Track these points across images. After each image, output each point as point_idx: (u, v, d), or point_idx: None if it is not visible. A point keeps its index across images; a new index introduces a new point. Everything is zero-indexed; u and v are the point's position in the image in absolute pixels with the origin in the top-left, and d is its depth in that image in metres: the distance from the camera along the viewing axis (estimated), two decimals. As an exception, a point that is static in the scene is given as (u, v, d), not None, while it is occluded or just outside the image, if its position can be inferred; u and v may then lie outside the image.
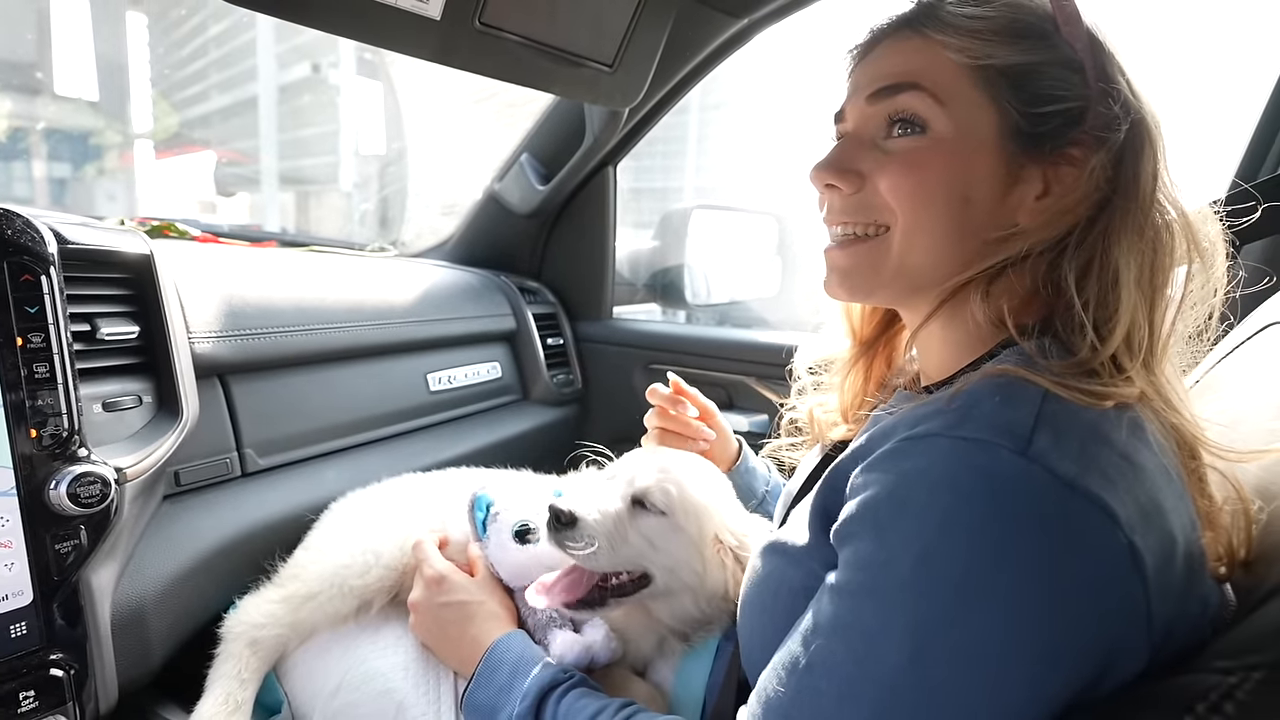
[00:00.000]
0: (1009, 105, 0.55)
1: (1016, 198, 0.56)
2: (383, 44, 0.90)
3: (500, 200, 1.68)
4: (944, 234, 0.57)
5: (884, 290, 0.63)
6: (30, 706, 0.69)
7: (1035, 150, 0.55)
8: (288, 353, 1.09)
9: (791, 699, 0.50)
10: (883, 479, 0.49)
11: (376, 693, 0.80)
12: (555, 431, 1.61)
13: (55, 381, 0.71)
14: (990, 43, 0.55)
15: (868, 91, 0.60)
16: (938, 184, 0.57)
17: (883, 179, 0.58)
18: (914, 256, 0.59)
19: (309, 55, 7.37)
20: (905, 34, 0.60)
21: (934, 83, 0.56)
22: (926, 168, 0.57)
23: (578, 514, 0.76)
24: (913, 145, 0.57)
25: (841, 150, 0.62)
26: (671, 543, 0.79)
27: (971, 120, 0.56)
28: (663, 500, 0.79)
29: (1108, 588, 0.43)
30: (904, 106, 0.58)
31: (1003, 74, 0.55)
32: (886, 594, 0.46)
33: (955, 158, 0.56)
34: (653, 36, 1.13)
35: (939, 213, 0.57)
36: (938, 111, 0.56)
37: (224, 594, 0.91)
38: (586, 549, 0.75)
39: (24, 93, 5.36)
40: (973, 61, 0.55)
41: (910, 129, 0.57)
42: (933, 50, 0.57)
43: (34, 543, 0.69)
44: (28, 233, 0.71)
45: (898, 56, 0.59)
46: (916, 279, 0.60)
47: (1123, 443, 0.47)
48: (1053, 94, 0.54)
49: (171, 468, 0.92)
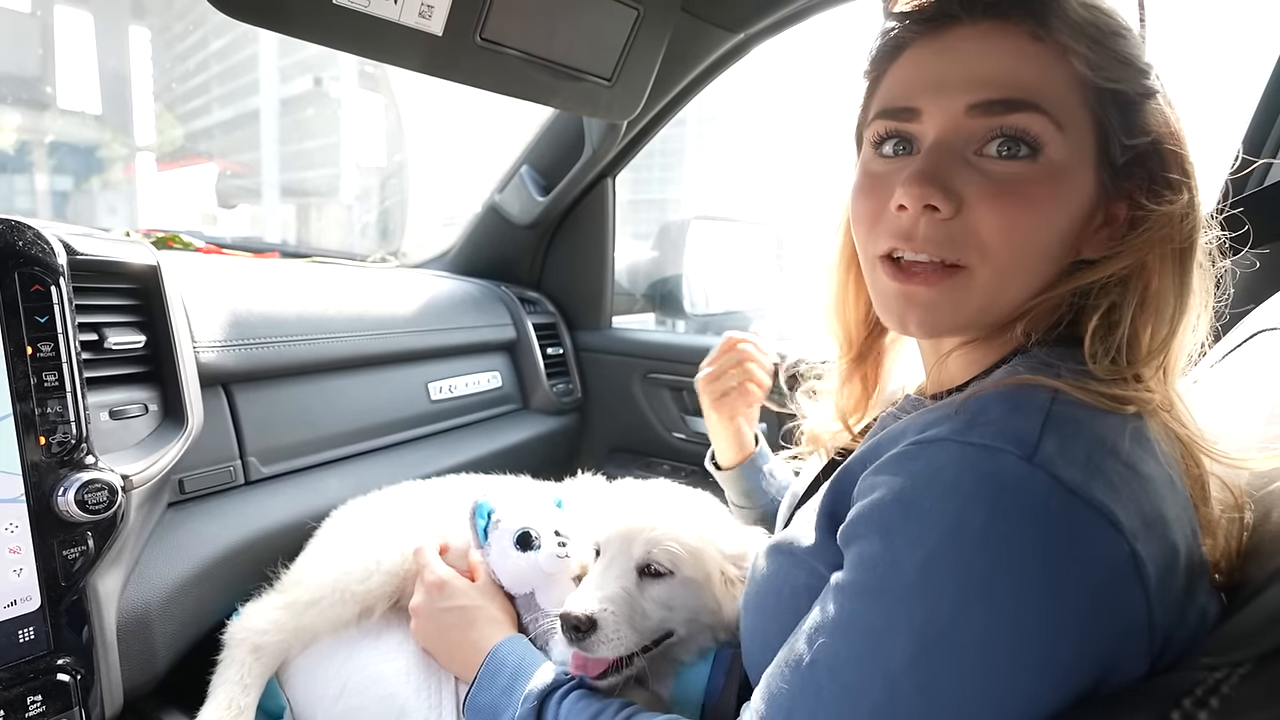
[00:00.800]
0: (1113, 132, 0.51)
1: (1089, 227, 0.54)
2: (385, 59, 0.92)
3: (500, 211, 1.70)
4: (1038, 273, 0.54)
5: (961, 331, 0.58)
6: (37, 711, 0.70)
7: (1118, 180, 0.53)
8: (291, 362, 1.10)
9: (794, 696, 0.50)
10: (891, 481, 0.49)
11: (378, 697, 0.81)
12: (555, 440, 1.62)
13: (64, 390, 0.72)
14: (1120, 64, 0.51)
15: (969, 99, 0.51)
16: (1047, 222, 0.52)
17: (989, 211, 0.51)
18: (1004, 296, 0.54)
19: (311, 69, 7.43)
20: (1020, 29, 0.51)
21: (1057, 103, 0.50)
22: (1038, 203, 0.51)
23: (595, 617, 0.72)
24: (1022, 173, 0.51)
25: (939, 163, 0.52)
26: (685, 596, 0.77)
27: (1082, 145, 0.51)
28: (669, 560, 0.77)
29: (1110, 595, 0.43)
30: (1019, 126, 0.50)
31: (1119, 99, 0.51)
32: (891, 595, 0.46)
33: (1066, 190, 0.51)
34: (650, 51, 1.15)
35: (1040, 252, 0.52)
36: (1056, 137, 0.50)
37: (227, 600, 0.92)
38: (613, 644, 0.72)
39: (28, 106, 5.39)
40: (1100, 82, 0.50)
41: (1018, 149, 0.51)
42: (1057, 59, 0.50)
43: (42, 549, 0.70)
44: (38, 244, 0.72)
45: (1011, 58, 0.51)
46: (995, 317, 0.56)
47: (1128, 452, 0.47)
48: (1149, 126, 0.52)
49: (176, 475, 0.93)
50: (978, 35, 0.52)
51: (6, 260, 0.70)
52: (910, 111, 0.55)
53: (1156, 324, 0.52)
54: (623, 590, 0.75)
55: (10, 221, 0.71)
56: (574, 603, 0.73)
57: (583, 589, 0.75)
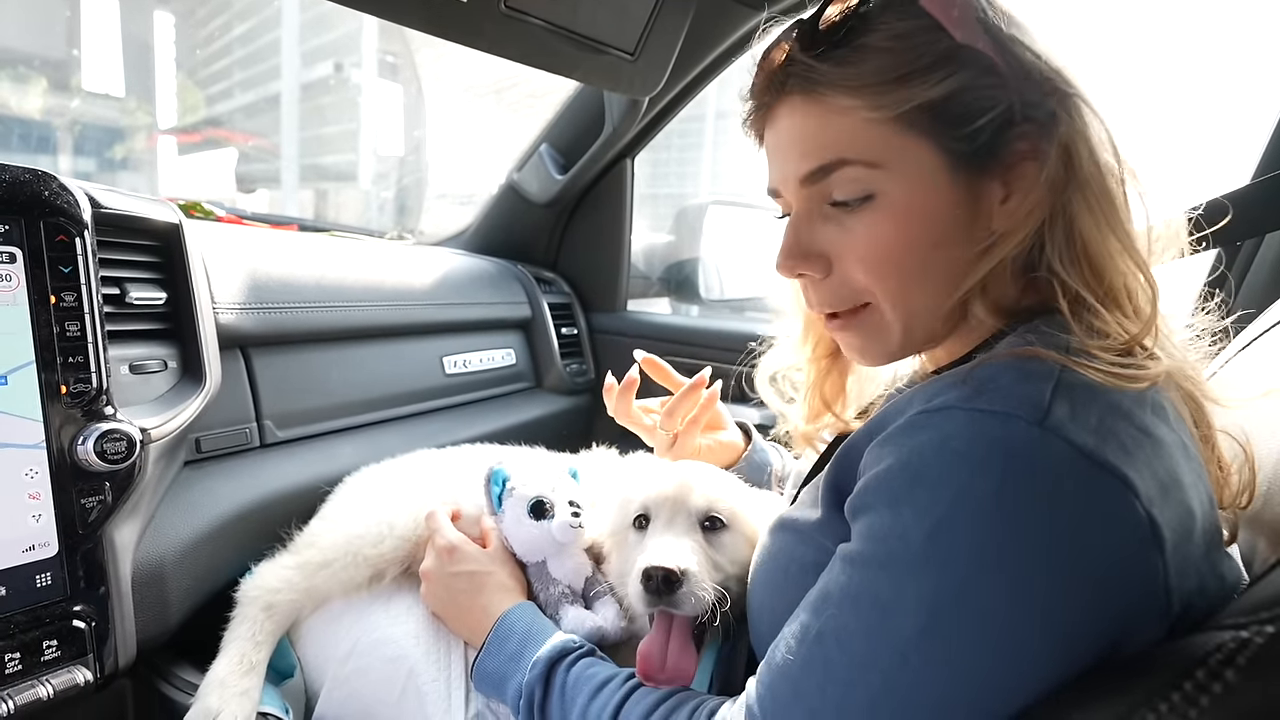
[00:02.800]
0: (942, 138, 0.53)
1: (985, 211, 0.55)
2: (412, 24, 0.92)
3: (519, 190, 1.70)
4: (931, 282, 0.56)
5: (904, 349, 0.61)
6: (53, 656, 0.71)
7: (985, 164, 0.53)
8: (308, 328, 1.11)
9: (802, 667, 0.50)
10: (898, 451, 0.49)
11: (387, 659, 0.81)
12: (566, 419, 1.62)
13: (86, 340, 0.73)
14: (903, 88, 0.52)
15: (796, 175, 0.57)
16: (906, 247, 0.55)
17: (853, 262, 0.56)
18: (912, 311, 0.58)
19: (332, 54, 7.48)
20: (801, 101, 0.56)
21: (860, 150, 0.54)
22: (887, 236, 0.55)
23: (686, 567, 0.69)
24: (866, 216, 0.55)
25: (796, 234, 0.59)
26: (739, 551, 0.77)
27: (913, 167, 0.53)
28: (728, 511, 0.77)
29: (1125, 560, 0.42)
30: (841, 183, 0.55)
31: (924, 111, 0.52)
32: (900, 565, 0.46)
33: (913, 212, 0.54)
34: (674, 26, 1.14)
35: (916, 269, 0.56)
36: (877, 176, 0.54)
37: (240, 559, 0.93)
38: (699, 598, 0.69)
39: (53, 87, 5.46)
40: (892, 113, 0.52)
41: (852, 200, 0.55)
42: (840, 115, 0.54)
43: (61, 496, 0.71)
44: (64, 195, 0.73)
45: (807, 130, 0.56)
46: (927, 326, 0.59)
47: (1141, 417, 0.46)
48: (979, 107, 0.52)
49: (193, 434, 0.93)
50: (785, 113, 0.58)
51: (33, 209, 0.70)
52: (775, 193, 0.62)
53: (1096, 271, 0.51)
54: (695, 543, 0.74)
55: (38, 172, 0.71)
56: (660, 557, 0.69)
57: (656, 549, 0.72)
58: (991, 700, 0.43)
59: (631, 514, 0.81)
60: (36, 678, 0.69)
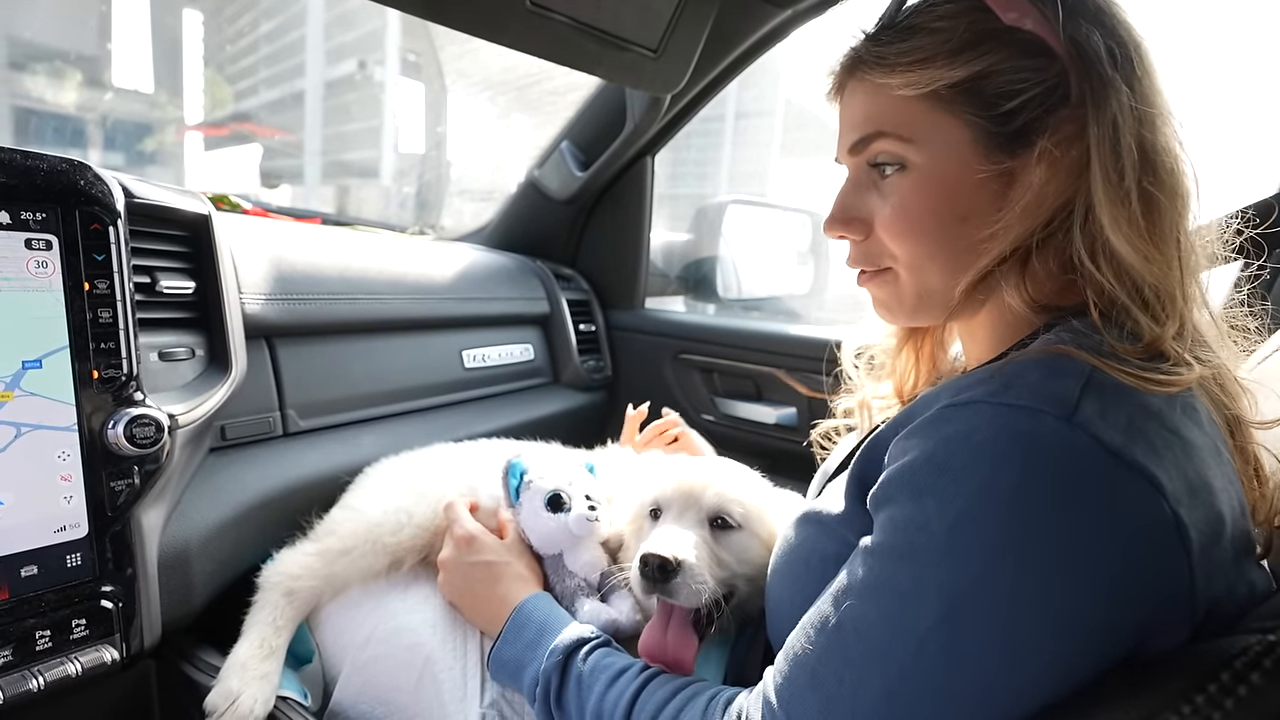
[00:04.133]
0: (972, 117, 0.55)
1: (1018, 195, 0.54)
2: (439, 20, 0.93)
3: (539, 186, 1.71)
4: (949, 255, 0.58)
5: (918, 315, 0.65)
6: (81, 635, 0.72)
7: (1017, 146, 0.54)
8: (331, 319, 1.12)
9: (819, 657, 0.50)
10: (923, 444, 0.49)
11: (405, 646, 0.82)
12: (583, 415, 1.63)
13: (117, 326, 0.74)
14: (929, 68, 0.55)
15: (846, 144, 0.63)
16: (927, 216, 0.58)
17: (886, 226, 0.61)
18: (927, 283, 0.61)
19: (355, 52, 7.56)
20: (852, 82, 0.62)
21: (895, 124, 0.58)
22: (913, 205, 0.58)
23: (682, 558, 0.70)
24: (898, 184, 0.59)
25: (844, 200, 0.64)
26: (750, 553, 0.77)
27: (943, 143, 0.56)
28: (740, 513, 0.77)
29: (1149, 561, 0.42)
30: (877, 153, 0.60)
31: (954, 89, 0.55)
32: (921, 556, 0.46)
33: (939, 184, 0.57)
34: (697, 24, 1.14)
35: (935, 240, 0.58)
36: (908, 149, 0.58)
37: (262, 545, 0.94)
38: (695, 590, 0.70)
39: (84, 83, 5.58)
40: (920, 91, 0.56)
41: (887, 169, 0.60)
42: (881, 93, 0.59)
43: (91, 479, 0.73)
44: (98, 184, 0.74)
45: (857, 105, 0.62)
46: (941, 298, 0.60)
47: (1172, 418, 0.46)
48: (1012, 89, 0.53)
49: (218, 422, 0.95)
50: (848, 91, 0.64)
51: (68, 198, 0.72)
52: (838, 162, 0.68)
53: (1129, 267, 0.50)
54: (699, 537, 0.75)
55: (73, 161, 0.73)
56: (657, 545, 0.71)
57: (657, 538, 0.73)
58: (1007, 694, 0.43)
59: (648, 506, 0.82)
60: (66, 655, 0.71)
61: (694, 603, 0.71)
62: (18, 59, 4.56)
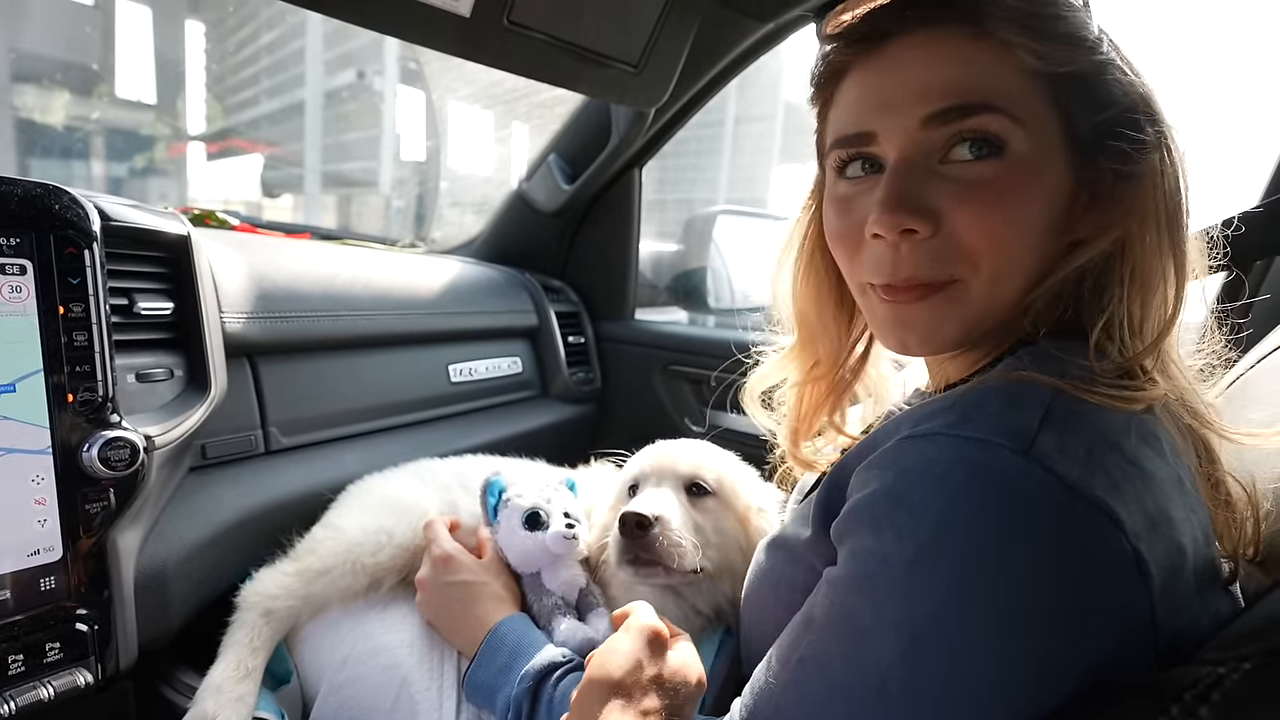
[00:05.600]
0: (1077, 113, 0.50)
1: (1074, 210, 0.53)
2: (414, 39, 0.94)
3: (527, 199, 1.72)
4: (1031, 268, 0.52)
5: (965, 343, 0.57)
6: (55, 658, 0.72)
7: (1093, 156, 0.52)
8: (315, 337, 1.13)
9: (783, 691, 0.50)
10: (882, 476, 0.48)
11: (382, 667, 0.82)
12: (572, 428, 1.63)
13: (93, 349, 0.75)
14: (1066, 47, 0.49)
15: (923, 112, 0.50)
16: (1027, 215, 0.50)
17: (968, 217, 0.50)
18: (1001, 298, 0.53)
19: (355, 62, 7.61)
20: (957, 32, 0.50)
21: (1011, 99, 0.49)
22: (1013, 199, 0.50)
23: (663, 515, 0.71)
24: (991, 172, 0.50)
25: (905, 183, 0.51)
26: (724, 522, 0.78)
27: (1045, 136, 0.50)
28: (714, 479, 0.79)
29: (1110, 597, 0.41)
30: (977, 128, 0.49)
31: (1075, 80, 0.50)
32: (880, 592, 0.45)
33: (1038, 181, 0.50)
34: (678, 39, 1.15)
35: (1027, 246, 0.51)
36: (1016, 132, 0.49)
37: (242, 564, 0.94)
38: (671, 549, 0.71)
39: (87, 94, 5.62)
40: (1051, 69, 0.49)
41: (983, 150, 0.50)
42: (1001, 55, 0.49)
43: (66, 501, 0.73)
44: (74, 208, 0.75)
45: (954, 64, 0.50)
46: (997, 320, 0.54)
47: (1132, 449, 0.45)
48: (1112, 97, 0.50)
49: (198, 441, 0.95)
50: (916, 45, 0.51)
51: (43, 222, 0.72)
52: (865, 136, 0.54)
53: (1146, 296, 0.50)
54: (677, 500, 0.77)
55: (49, 186, 0.74)
56: (636, 504, 0.74)
57: (635, 501, 0.76)
58: None
59: (626, 484, 0.85)
60: (38, 679, 0.71)
61: (672, 560, 0.72)
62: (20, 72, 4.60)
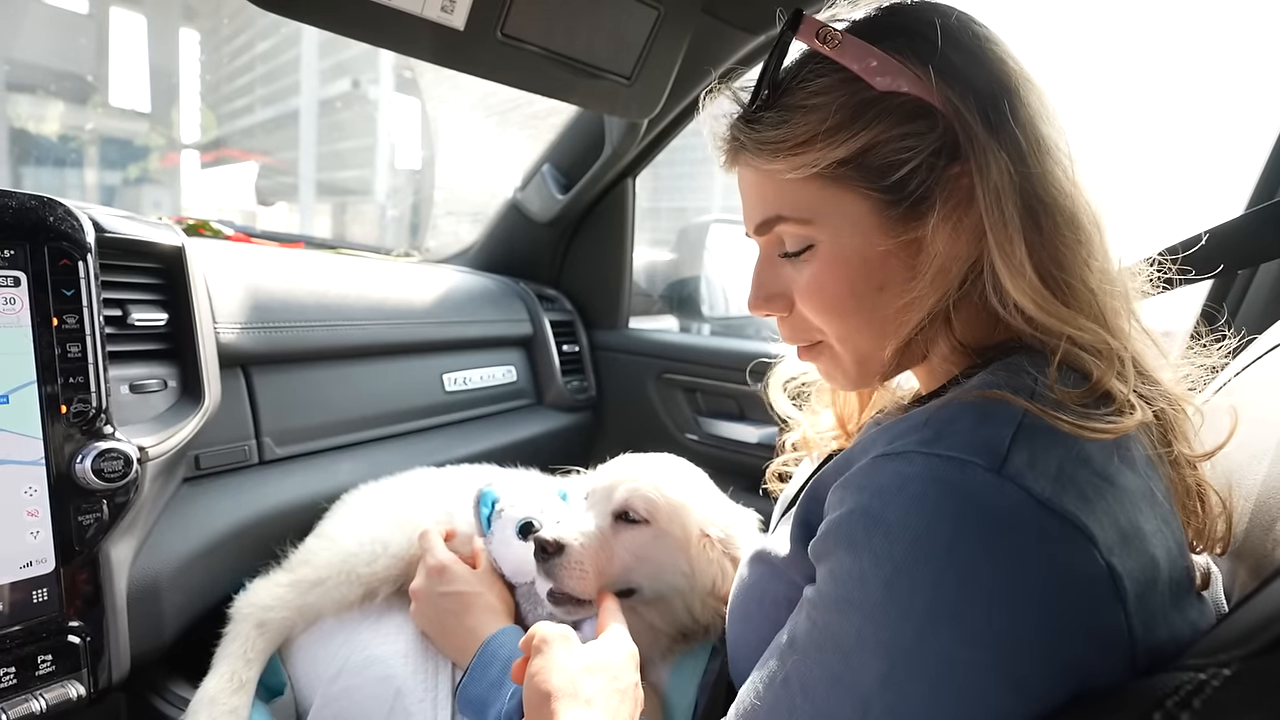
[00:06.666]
0: (866, 190, 0.54)
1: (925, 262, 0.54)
2: (408, 52, 0.94)
3: (521, 209, 1.72)
4: (877, 324, 0.57)
5: (864, 379, 0.63)
6: (47, 670, 0.72)
7: (920, 208, 0.53)
8: (309, 347, 1.13)
9: (768, 712, 0.50)
10: (857, 496, 0.48)
11: (376, 678, 0.82)
12: (567, 437, 1.63)
13: (86, 361, 0.75)
14: (810, 150, 0.54)
15: (750, 226, 0.62)
16: (844, 292, 0.57)
17: (806, 304, 0.60)
18: (860, 351, 0.60)
19: (349, 72, 7.62)
20: (740, 169, 0.61)
21: (792, 207, 0.57)
22: (828, 283, 0.57)
23: (565, 541, 0.76)
24: (809, 263, 0.58)
25: (759, 278, 0.63)
26: (656, 550, 0.79)
27: (844, 218, 0.55)
28: (645, 507, 0.79)
29: (1085, 611, 0.42)
30: (781, 236, 0.59)
31: (841, 166, 0.53)
32: (859, 613, 0.46)
33: (848, 261, 0.56)
34: (670, 51, 1.16)
35: (860, 312, 0.58)
36: (810, 229, 0.57)
37: (235, 575, 0.94)
38: (576, 576, 0.76)
39: (81, 103, 5.62)
40: (808, 172, 0.54)
41: (796, 250, 0.58)
42: (771, 178, 0.57)
43: (59, 513, 0.73)
44: (68, 220, 0.75)
45: (750, 186, 0.60)
46: (880, 362, 0.60)
47: (1103, 463, 0.46)
48: (899, 158, 0.52)
49: (192, 451, 0.95)
50: (740, 168, 0.61)
51: (37, 234, 0.73)
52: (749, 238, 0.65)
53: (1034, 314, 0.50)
54: (596, 529, 0.79)
55: (43, 198, 0.74)
56: (548, 529, 0.78)
57: (553, 524, 0.80)
58: None
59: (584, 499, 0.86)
60: (30, 692, 0.71)
61: (576, 588, 0.76)
62: (14, 82, 4.59)
